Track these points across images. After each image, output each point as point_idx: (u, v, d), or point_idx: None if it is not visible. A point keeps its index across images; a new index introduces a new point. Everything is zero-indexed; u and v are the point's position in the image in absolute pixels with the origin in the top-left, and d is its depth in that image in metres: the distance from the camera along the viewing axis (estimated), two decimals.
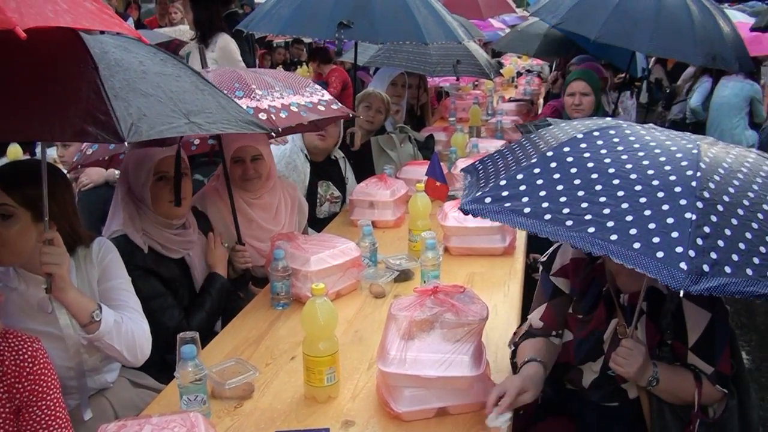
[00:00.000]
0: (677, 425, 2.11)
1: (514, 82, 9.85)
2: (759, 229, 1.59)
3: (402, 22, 4.06)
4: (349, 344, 2.41)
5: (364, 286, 2.85)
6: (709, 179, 1.64)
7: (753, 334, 4.86)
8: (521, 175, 1.80)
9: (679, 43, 4.42)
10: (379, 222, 3.57)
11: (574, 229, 1.60)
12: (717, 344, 2.07)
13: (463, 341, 1.93)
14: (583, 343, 2.21)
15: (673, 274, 1.45)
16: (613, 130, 1.88)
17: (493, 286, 2.89)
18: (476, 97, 7.03)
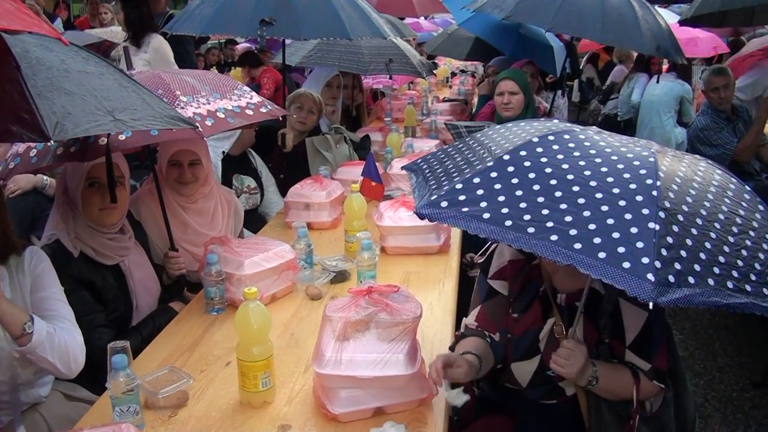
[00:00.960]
0: (615, 421, 2.15)
1: (448, 82, 9.92)
2: (717, 239, 1.60)
3: (325, 18, 4.08)
4: (285, 347, 2.39)
5: (300, 288, 2.83)
6: (668, 188, 1.65)
7: (686, 323, 4.99)
8: (477, 179, 1.76)
9: (627, 32, 4.56)
10: (315, 223, 3.55)
11: (536, 236, 1.57)
12: (654, 341, 2.12)
13: (398, 340, 1.93)
14: (519, 341, 2.23)
15: (642, 285, 1.44)
16: (568, 134, 1.87)
17: (429, 284, 2.91)
18: (411, 98, 7.04)
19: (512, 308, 2.26)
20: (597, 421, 2.15)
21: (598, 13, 4.49)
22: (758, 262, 1.60)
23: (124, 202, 2.70)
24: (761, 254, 1.63)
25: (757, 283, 1.55)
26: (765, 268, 1.60)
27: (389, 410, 1.98)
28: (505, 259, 2.30)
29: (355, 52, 5.77)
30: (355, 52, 5.78)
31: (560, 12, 4.46)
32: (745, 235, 1.65)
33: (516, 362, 2.24)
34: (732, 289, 1.51)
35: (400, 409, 1.99)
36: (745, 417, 3.85)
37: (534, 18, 4.68)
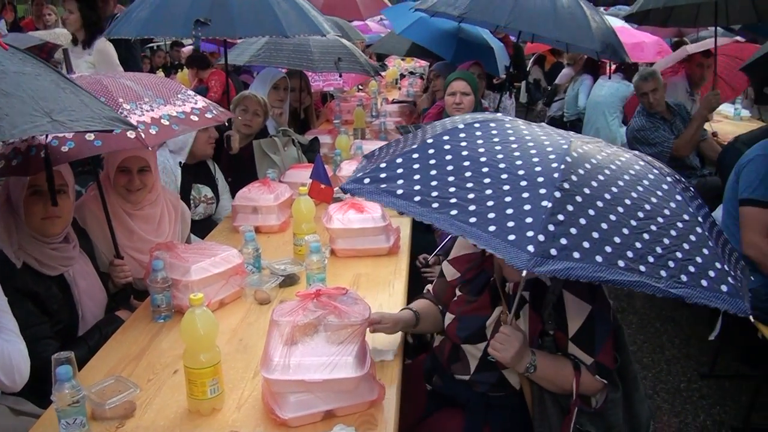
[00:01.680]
0: (557, 412, 2.19)
1: (397, 84, 9.96)
2: (617, 221, 1.67)
3: (261, 17, 4.09)
4: (233, 353, 2.36)
5: (248, 293, 2.80)
6: (572, 172, 1.72)
7: (633, 317, 5.10)
8: (401, 159, 1.88)
9: (579, 31, 4.68)
10: (263, 227, 3.53)
11: (438, 210, 1.68)
12: (597, 336, 2.15)
13: (346, 342, 1.92)
14: (465, 321, 2.30)
15: (519, 255, 1.53)
16: (494, 123, 1.98)
17: (379, 285, 2.91)
18: (360, 100, 7.05)
19: (463, 290, 2.37)
20: (540, 411, 2.20)
21: (551, 12, 4.59)
22: (660, 246, 1.67)
23: (67, 211, 2.63)
24: (665, 239, 1.69)
25: (654, 265, 1.62)
26: (667, 252, 1.66)
27: (339, 413, 1.97)
28: (461, 249, 2.43)
29: (303, 51, 5.76)
30: (304, 51, 5.77)
31: (515, 10, 4.54)
32: (651, 220, 1.72)
33: (465, 344, 2.30)
34: (622, 268, 1.59)
35: (350, 411, 1.98)
36: (693, 407, 3.94)
37: (489, 16, 4.74)
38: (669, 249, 1.67)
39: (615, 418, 2.28)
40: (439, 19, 5.87)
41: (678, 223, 1.75)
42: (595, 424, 2.23)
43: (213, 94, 7.64)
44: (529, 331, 2.20)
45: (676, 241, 1.70)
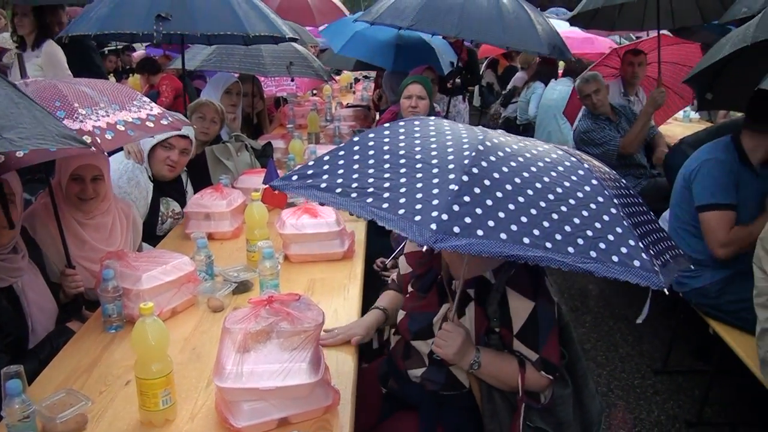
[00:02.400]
0: (507, 409, 2.22)
1: (351, 88, 9.97)
2: (525, 203, 1.71)
3: (222, 15, 4.09)
4: (186, 363, 2.33)
5: (201, 300, 2.76)
6: (483, 159, 1.78)
7: (587, 316, 5.16)
8: (327, 156, 1.95)
9: (526, 35, 4.71)
10: (216, 234, 3.49)
11: (356, 200, 1.74)
12: (541, 332, 2.18)
13: (300, 349, 1.91)
14: (415, 318, 2.33)
15: (422, 232, 1.58)
16: (419, 120, 2.06)
17: (334, 290, 2.90)
18: (314, 104, 7.04)
19: (415, 287, 2.39)
20: (490, 408, 2.22)
21: (497, 19, 4.62)
22: (570, 225, 1.71)
23: (15, 221, 2.58)
24: (576, 219, 1.73)
25: (561, 242, 1.66)
26: (576, 230, 1.70)
27: (294, 420, 1.96)
28: (411, 247, 2.50)
29: (255, 55, 5.74)
30: (255, 55, 5.74)
31: (462, 20, 4.57)
32: (562, 202, 1.76)
33: (415, 341, 2.33)
34: (527, 244, 1.62)
35: (305, 418, 1.97)
36: (647, 403, 4.00)
37: (438, 26, 4.74)
38: (579, 228, 1.71)
39: (565, 414, 2.31)
40: (377, 29, 5.89)
41: (591, 204, 1.78)
42: (545, 420, 2.26)
43: (164, 99, 7.54)
44: (475, 329, 2.23)
45: (587, 220, 1.73)
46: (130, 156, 3.79)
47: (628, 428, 3.76)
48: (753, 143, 3.53)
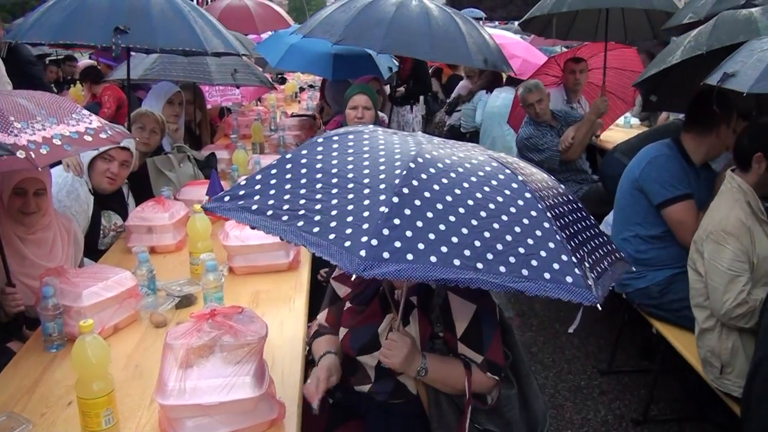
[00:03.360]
0: (454, 413, 2.24)
1: (296, 97, 9.93)
2: (456, 222, 1.69)
3: (180, 30, 4.03)
4: (129, 380, 2.28)
5: (143, 316, 2.72)
6: (414, 177, 1.75)
7: (533, 319, 5.21)
8: (259, 176, 1.91)
9: (455, 48, 4.70)
10: (159, 247, 3.45)
11: (287, 223, 1.70)
12: (484, 334, 2.22)
13: (243, 362, 1.89)
14: (357, 333, 2.30)
15: (351, 260, 1.55)
16: (353, 134, 2.01)
17: (279, 302, 2.88)
18: (258, 113, 7.00)
19: (354, 302, 2.36)
20: (437, 413, 2.23)
21: (426, 32, 4.60)
22: (501, 243, 1.69)
23: None
24: (508, 236, 1.71)
25: (492, 261, 1.65)
26: (508, 248, 1.69)
27: None
28: None
29: (199, 63, 5.68)
30: (200, 63, 5.68)
31: (389, 33, 4.54)
32: (494, 219, 1.74)
33: (360, 356, 2.31)
34: (458, 266, 1.61)
35: None
36: (594, 403, 4.06)
37: (365, 41, 4.72)
38: (511, 245, 1.70)
39: (512, 414, 2.34)
40: (312, 41, 5.89)
41: (524, 219, 1.77)
42: (492, 422, 2.29)
43: (106, 110, 7.41)
44: (420, 336, 2.23)
45: (519, 237, 1.72)
46: (70, 169, 3.71)
47: (576, 429, 3.80)
48: (694, 144, 3.64)
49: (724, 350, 2.95)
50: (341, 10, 4.87)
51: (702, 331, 3.08)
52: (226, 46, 4.23)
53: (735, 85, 2.69)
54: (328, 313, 2.53)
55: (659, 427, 3.84)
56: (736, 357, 2.93)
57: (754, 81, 2.57)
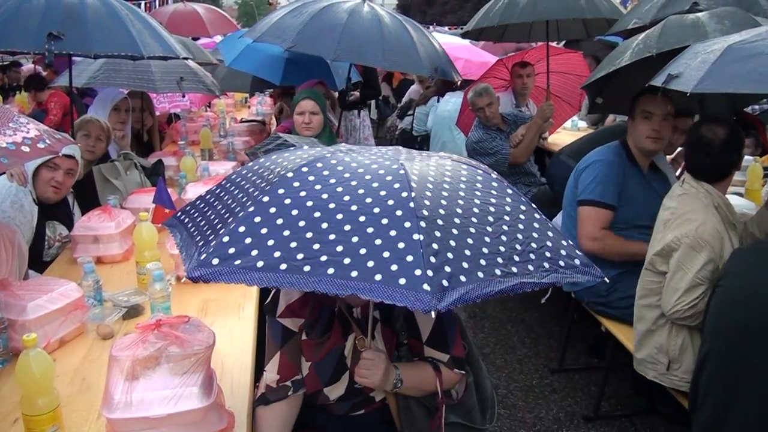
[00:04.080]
0: (424, 414, 2.25)
1: (246, 102, 9.85)
2: (477, 232, 1.67)
3: (116, 35, 3.92)
4: (76, 394, 2.24)
5: (90, 328, 2.67)
6: (423, 197, 1.68)
7: (485, 321, 5.26)
8: (242, 227, 1.67)
9: (407, 57, 4.68)
10: (105, 257, 3.39)
11: (313, 273, 1.54)
12: (448, 333, 2.25)
13: (190, 372, 1.87)
14: (323, 364, 2.23)
15: (420, 297, 1.46)
16: (320, 162, 1.84)
17: (228, 309, 2.85)
18: (207, 120, 6.93)
19: (310, 335, 2.24)
20: (408, 419, 2.23)
21: (378, 40, 4.59)
22: (518, 243, 1.70)
23: None
24: (519, 234, 1.73)
25: (521, 263, 1.65)
26: (525, 246, 1.70)
27: None
28: (293, 295, 2.24)
29: (144, 71, 5.58)
30: (145, 71, 5.59)
31: (342, 41, 4.51)
32: (501, 221, 1.74)
33: (327, 387, 2.25)
34: (501, 275, 1.59)
35: None
36: (546, 401, 4.12)
37: (317, 48, 4.65)
38: (525, 242, 1.71)
39: (471, 401, 2.39)
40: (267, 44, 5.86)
41: (521, 215, 1.80)
42: (455, 413, 2.32)
43: (52, 117, 7.28)
44: (386, 348, 2.22)
45: (527, 232, 1.75)
46: (14, 179, 3.63)
47: (528, 428, 3.84)
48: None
49: (673, 346, 3.02)
50: (293, 15, 4.82)
51: (651, 330, 3.13)
52: (165, 50, 4.15)
53: (679, 86, 2.74)
54: (281, 359, 2.24)
55: (610, 423, 3.91)
56: (684, 354, 3.00)
57: (697, 81, 2.62)
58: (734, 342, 2.48)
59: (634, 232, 3.65)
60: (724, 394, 2.49)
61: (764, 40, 2.64)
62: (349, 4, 4.82)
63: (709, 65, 2.65)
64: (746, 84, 2.57)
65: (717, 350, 2.56)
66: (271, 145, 4.13)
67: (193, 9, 10.24)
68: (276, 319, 2.25)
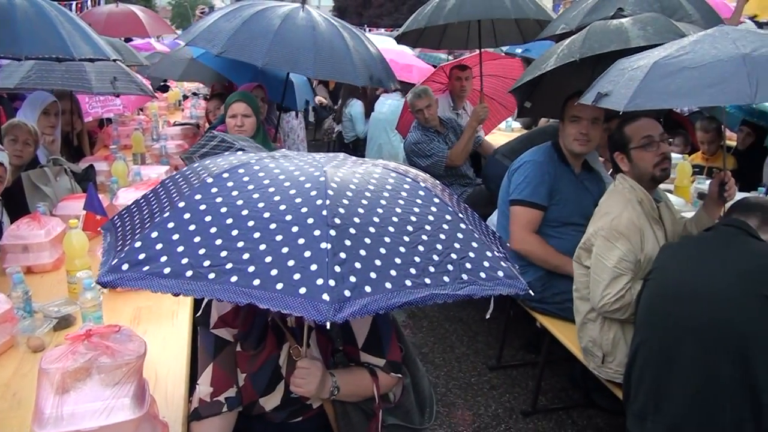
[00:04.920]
0: (362, 420, 2.25)
1: (180, 105, 9.72)
2: (392, 242, 1.66)
3: (46, 37, 3.81)
4: (7, 411, 2.18)
5: (20, 341, 2.59)
6: (338, 205, 1.66)
7: (423, 321, 5.30)
8: (156, 232, 1.65)
9: (340, 66, 4.60)
10: (35, 266, 3.30)
11: (217, 281, 1.52)
12: (383, 337, 2.25)
13: (122, 383, 1.84)
14: (258, 376, 2.21)
15: (318, 307, 1.45)
16: (243, 168, 1.83)
17: (162, 317, 2.82)
18: (140, 123, 6.82)
19: (244, 346, 2.22)
20: (345, 424, 2.23)
21: (310, 48, 4.52)
22: (436, 253, 1.69)
23: None
24: (438, 245, 1.72)
25: (436, 274, 1.64)
26: (443, 258, 1.69)
27: None
28: (225, 306, 2.21)
29: (78, 71, 5.43)
30: (78, 71, 5.44)
31: (273, 48, 4.43)
32: (421, 230, 1.73)
33: (263, 397, 2.23)
34: (411, 287, 1.57)
35: None
36: (485, 398, 4.18)
37: (247, 54, 4.53)
38: (444, 253, 1.70)
39: (409, 402, 2.40)
40: None
41: (444, 225, 1.78)
42: (394, 415, 2.34)
43: None
44: (322, 355, 2.22)
45: (447, 243, 1.73)
46: None
47: (468, 425, 3.89)
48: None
49: (605, 341, 3.11)
50: (226, 19, 4.73)
51: (584, 322, 3.23)
52: (96, 52, 4.07)
53: (610, 105, 2.82)
54: (213, 371, 2.20)
55: (548, 417, 3.99)
56: (617, 347, 3.09)
57: (628, 99, 2.69)
58: (663, 334, 2.59)
59: (567, 229, 3.74)
60: (656, 384, 2.59)
61: (687, 54, 2.74)
62: (283, 9, 4.75)
63: (637, 83, 2.73)
64: (675, 99, 2.71)
65: (648, 342, 2.66)
66: (207, 147, 4.08)
67: (131, 10, 10.11)
68: (210, 331, 2.22)
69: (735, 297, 2.43)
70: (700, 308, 2.48)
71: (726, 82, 2.53)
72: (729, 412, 2.39)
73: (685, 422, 2.48)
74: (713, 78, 2.58)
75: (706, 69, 2.62)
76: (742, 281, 2.44)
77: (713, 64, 2.62)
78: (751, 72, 2.50)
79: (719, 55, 2.65)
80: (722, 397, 2.40)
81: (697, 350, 2.46)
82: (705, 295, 2.49)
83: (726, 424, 2.39)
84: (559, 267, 3.63)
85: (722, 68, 2.58)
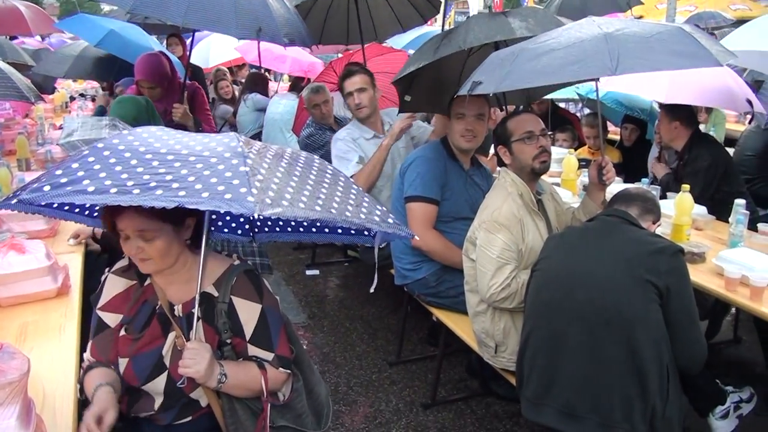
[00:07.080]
0: (250, 417, 2.26)
1: (67, 107, 9.37)
2: (299, 183, 1.86)
3: None
4: None
5: None
6: (250, 151, 1.88)
7: (324, 321, 5.31)
8: (76, 164, 1.76)
9: (217, 15, 4.30)
10: None
11: (142, 195, 1.63)
12: (272, 331, 2.28)
13: (6, 404, 1.77)
14: (139, 361, 2.22)
15: (246, 204, 1.62)
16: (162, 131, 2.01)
17: (49, 332, 2.70)
18: (24, 127, 6.54)
19: (129, 330, 2.25)
20: (233, 422, 2.24)
21: (230, 7, 4.30)
22: (337, 195, 1.94)
23: None
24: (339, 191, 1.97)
25: (339, 207, 1.88)
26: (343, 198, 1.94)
27: None
28: (116, 289, 2.31)
29: None
30: None
31: (192, 5, 4.15)
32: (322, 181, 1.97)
33: (145, 385, 2.23)
34: (320, 210, 1.79)
35: None
36: (385, 394, 4.22)
37: (162, 12, 4.24)
38: (344, 195, 1.96)
39: (301, 405, 2.42)
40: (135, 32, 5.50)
41: (340, 182, 2.05)
42: (285, 417, 2.36)
43: None
44: None
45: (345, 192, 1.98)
46: None
47: (369, 421, 3.92)
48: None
49: (497, 331, 3.21)
50: None
51: (476, 314, 3.33)
52: None
53: (482, 90, 2.96)
54: (92, 347, 2.31)
55: (448, 407, 4.07)
56: (508, 336, 3.20)
57: (498, 82, 2.85)
58: (552, 321, 2.71)
59: (458, 224, 3.82)
60: (547, 369, 2.70)
61: (554, 39, 2.91)
62: None
63: (508, 66, 2.86)
64: (542, 77, 2.84)
65: (537, 330, 2.77)
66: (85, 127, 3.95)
67: (14, 6, 9.66)
68: (96, 310, 2.31)
69: (619, 283, 2.56)
70: (586, 295, 2.61)
71: (589, 58, 2.70)
72: (618, 393, 2.52)
73: (577, 404, 2.60)
74: (577, 55, 2.74)
75: (571, 48, 2.78)
76: (626, 267, 2.57)
77: (577, 44, 2.79)
78: (613, 49, 2.67)
79: (583, 37, 2.82)
80: (610, 378, 2.54)
81: (585, 335, 2.59)
82: (591, 283, 2.62)
83: (615, 404, 2.53)
84: (457, 262, 3.70)
85: (586, 47, 2.75)
